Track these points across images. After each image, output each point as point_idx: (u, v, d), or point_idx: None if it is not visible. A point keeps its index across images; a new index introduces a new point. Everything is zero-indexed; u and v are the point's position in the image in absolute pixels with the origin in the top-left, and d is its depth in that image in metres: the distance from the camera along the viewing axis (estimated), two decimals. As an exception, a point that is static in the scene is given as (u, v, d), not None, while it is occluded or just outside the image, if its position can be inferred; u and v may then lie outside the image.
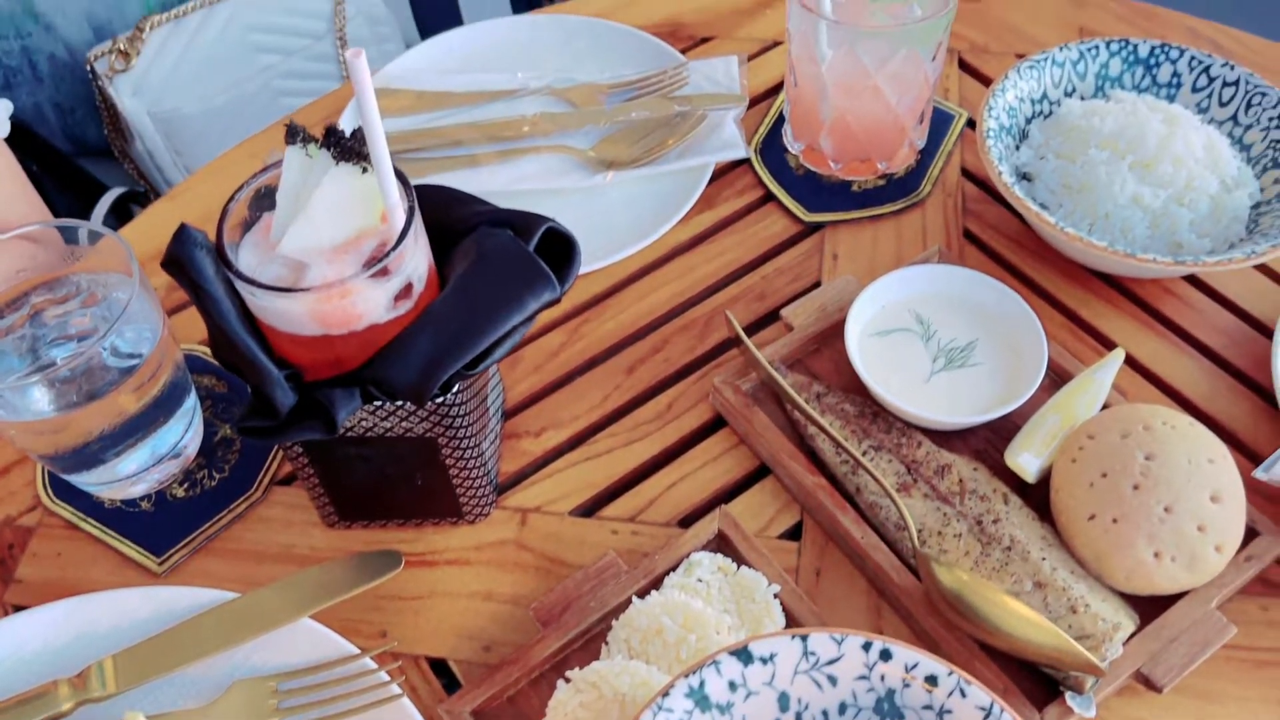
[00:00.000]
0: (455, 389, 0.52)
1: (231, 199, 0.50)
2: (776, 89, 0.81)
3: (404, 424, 0.53)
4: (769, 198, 0.74)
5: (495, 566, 0.59)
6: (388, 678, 0.53)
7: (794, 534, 0.59)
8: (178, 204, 0.79)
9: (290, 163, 0.49)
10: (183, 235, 0.48)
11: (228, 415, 0.66)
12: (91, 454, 0.59)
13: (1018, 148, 0.71)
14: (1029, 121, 0.71)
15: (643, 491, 0.61)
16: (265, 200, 0.51)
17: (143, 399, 0.57)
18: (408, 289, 0.50)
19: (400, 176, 0.49)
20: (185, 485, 0.63)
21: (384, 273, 0.48)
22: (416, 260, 0.50)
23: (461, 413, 0.53)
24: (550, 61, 0.82)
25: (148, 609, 0.56)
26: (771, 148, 0.77)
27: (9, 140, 0.82)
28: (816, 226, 0.72)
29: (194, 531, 0.61)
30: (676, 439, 0.63)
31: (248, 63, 1.23)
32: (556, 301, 0.52)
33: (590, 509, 0.61)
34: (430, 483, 0.57)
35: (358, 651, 0.53)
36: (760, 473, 0.61)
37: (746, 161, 0.76)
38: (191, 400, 0.62)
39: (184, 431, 0.62)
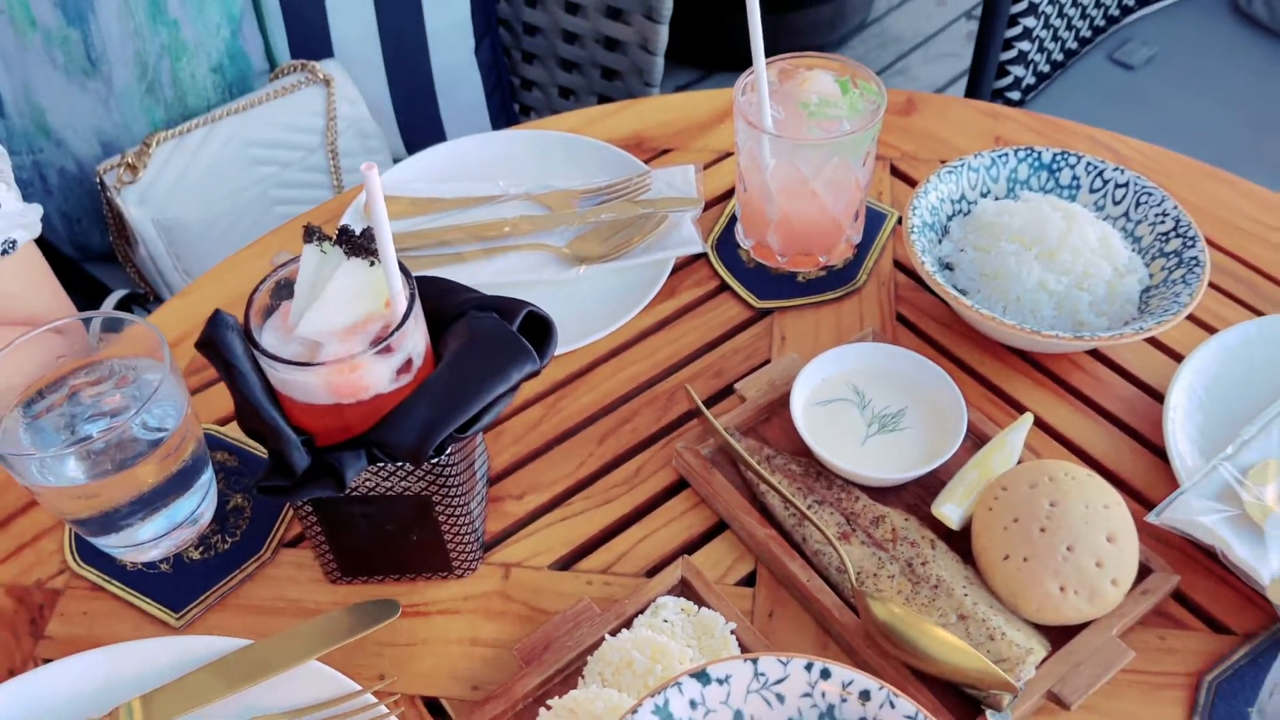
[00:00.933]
0: (449, 451, 0.60)
1: (256, 289, 0.58)
2: (729, 193, 0.91)
3: (403, 483, 0.61)
4: (724, 287, 0.83)
5: (481, 615, 0.65)
6: (387, 711, 0.59)
7: (749, 581, 0.66)
8: (189, 300, 0.87)
9: (307, 257, 0.58)
10: (216, 319, 0.56)
11: (239, 486, 0.73)
12: (117, 520, 0.65)
13: (940, 241, 0.80)
14: (950, 219, 0.81)
15: (614, 547, 0.68)
16: (284, 290, 0.59)
17: (167, 470, 0.65)
18: (408, 364, 0.58)
19: (403, 269, 0.58)
20: (200, 549, 0.70)
21: (388, 350, 0.56)
22: (415, 339, 0.58)
23: (453, 473, 0.61)
24: (528, 171, 0.92)
25: (169, 657, 0.62)
26: (726, 244, 0.86)
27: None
28: (766, 312, 0.81)
29: (209, 590, 0.67)
30: (644, 499, 0.71)
31: (246, 174, 1.33)
32: (536, 373, 0.60)
33: (567, 563, 0.68)
34: (424, 539, 0.65)
35: (360, 689, 0.60)
36: (719, 528, 0.69)
37: (704, 256, 0.85)
38: (208, 473, 0.69)
39: (200, 501, 0.69)
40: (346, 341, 0.56)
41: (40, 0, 1.24)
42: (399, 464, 0.59)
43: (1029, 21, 1.35)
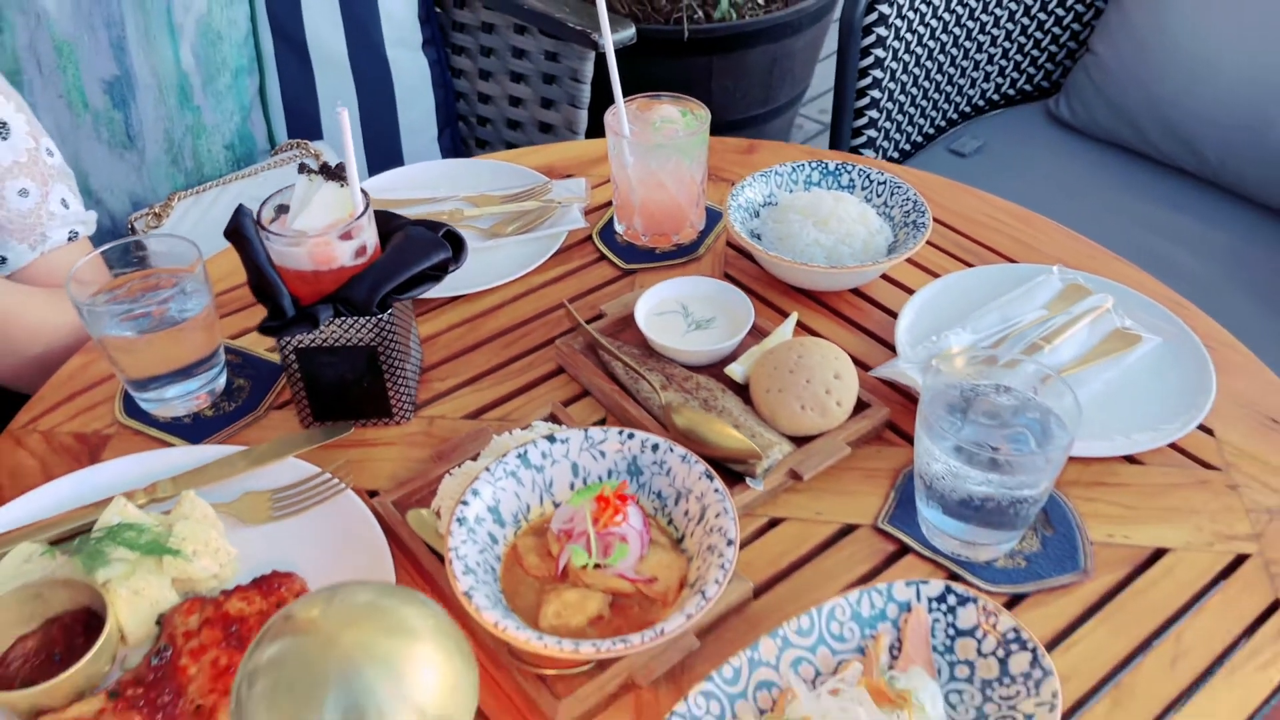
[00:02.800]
0: (390, 310, 0.89)
1: (263, 205, 0.89)
2: (610, 203, 1.23)
3: (358, 335, 0.90)
4: (602, 258, 1.15)
5: (411, 445, 0.93)
6: (340, 481, 0.86)
7: (600, 425, 0.95)
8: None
9: (300, 184, 0.89)
10: (240, 211, 0.86)
11: (242, 374, 1.01)
12: (154, 383, 0.94)
13: (755, 218, 1.12)
14: (761, 209, 1.14)
15: (508, 407, 0.97)
16: (282, 209, 0.90)
17: (192, 344, 0.94)
18: (363, 249, 0.88)
19: (364, 191, 0.89)
20: (212, 409, 0.97)
21: (349, 236, 0.87)
22: (368, 233, 0.89)
23: (392, 329, 0.90)
24: (463, 183, 1.25)
25: (191, 457, 0.90)
26: (606, 230, 1.18)
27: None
28: (631, 272, 1.12)
29: (218, 432, 0.95)
30: (532, 379, 1.00)
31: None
32: (450, 263, 0.90)
33: (475, 415, 0.96)
34: (372, 388, 0.93)
35: (322, 470, 0.87)
36: (582, 395, 0.98)
37: (590, 239, 1.17)
38: (220, 358, 0.98)
39: (214, 376, 0.97)
40: (324, 233, 0.87)
41: (93, 88, 1.58)
42: (355, 317, 0.88)
43: (872, 115, 1.72)
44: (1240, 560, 0.82)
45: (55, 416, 0.97)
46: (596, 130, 1.33)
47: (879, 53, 1.71)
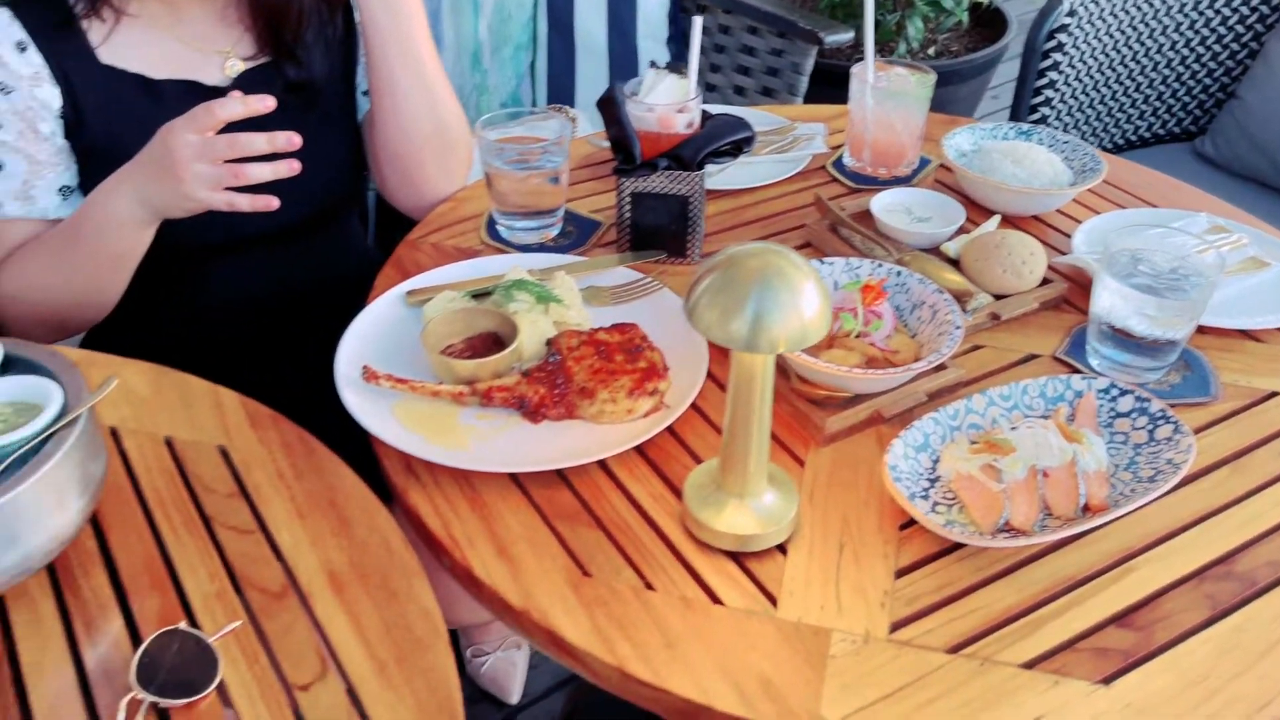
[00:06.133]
0: (702, 170, 1.22)
1: (624, 85, 1.24)
2: (838, 147, 1.56)
3: (678, 186, 1.23)
4: (834, 180, 1.47)
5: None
6: (658, 283, 1.19)
7: (841, 277, 1.26)
8: (527, 165, 1.53)
9: (649, 75, 1.23)
10: (612, 86, 1.21)
11: (570, 223, 1.36)
12: (517, 215, 1.29)
13: (962, 157, 1.43)
14: (967, 152, 1.45)
15: (770, 262, 1.29)
16: (631, 93, 1.24)
17: (546, 192, 1.28)
18: (691, 123, 1.22)
19: (700, 84, 1.23)
20: (554, 239, 1.32)
21: (684, 110, 1.21)
22: (695, 113, 1.23)
23: (701, 187, 1.23)
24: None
25: (548, 261, 1.24)
26: (837, 163, 1.50)
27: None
28: (857, 190, 1.44)
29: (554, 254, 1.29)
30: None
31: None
32: (747, 143, 1.24)
33: (745, 264, 1.29)
34: (678, 231, 1.26)
35: (645, 275, 1.20)
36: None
37: (823, 169, 1.49)
38: (562, 211, 1.33)
39: (555, 222, 1.32)
40: (669, 106, 1.21)
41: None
42: (680, 171, 1.22)
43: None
44: (1338, 404, 1.08)
45: (439, 235, 1.33)
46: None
47: (1048, 93, 2.02)
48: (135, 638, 0.82)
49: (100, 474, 0.85)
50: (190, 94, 1.24)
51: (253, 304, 1.38)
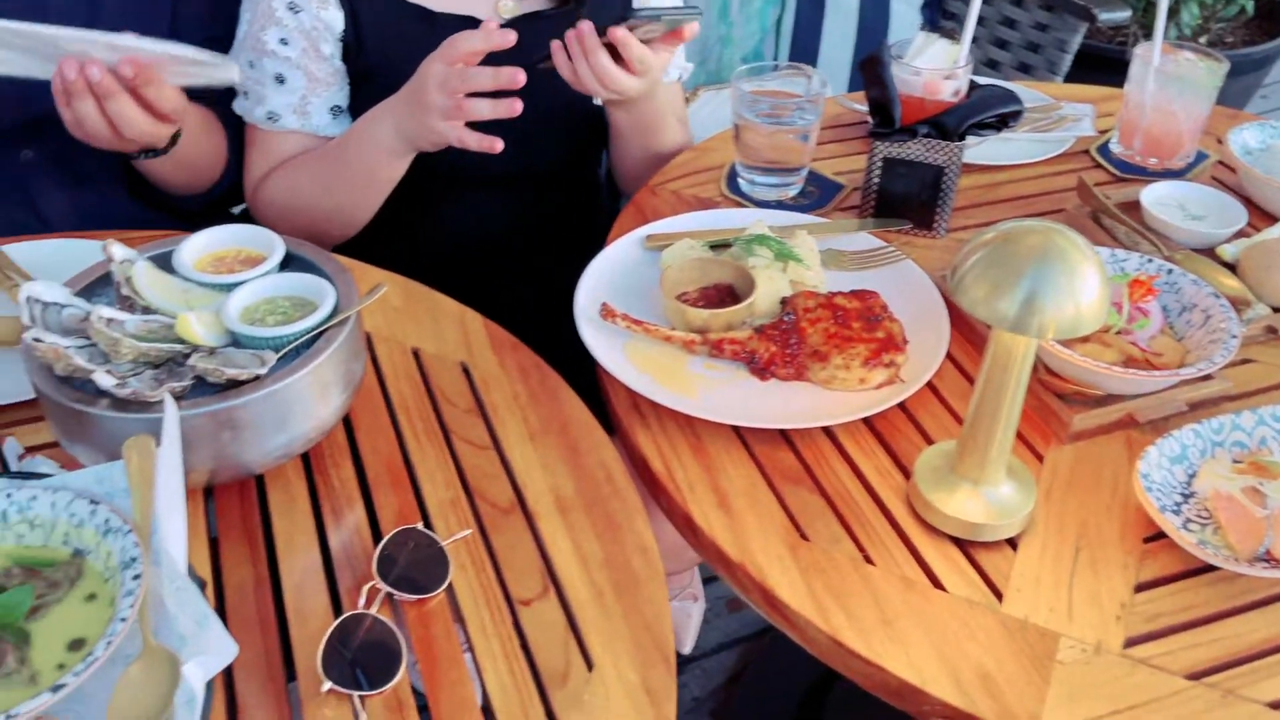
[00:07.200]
0: (963, 140, 1.17)
1: (891, 47, 1.19)
2: (1104, 133, 1.46)
3: (934, 155, 1.18)
4: (1098, 166, 1.38)
5: (946, 252, 1.20)
6: (901, 253, 1.15)
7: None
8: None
9: (919, 38, 1.19)
10: (880, 46, 1.17)
11: (812, 183, 1.33)
12: (758, 171, 1.27)
13: (1247, 155, 1.32)
14: (1253, 150, 1.32)
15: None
16: (896, 56, 1.20)
17: (794, 150, 1.26)
18: (958, 91, 1.17)
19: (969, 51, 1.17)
20: (793, 198, 1.30)
21: (952, 77, 1.15)
22: (963, 81, 1.17)
23: (959, 158, 1.18)
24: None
25: (787, 219, 1.22)
26: (1102, 148, 1.41)
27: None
28: (1123, 179, 1.35)
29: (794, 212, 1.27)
30: (1040, 231, 1.25)
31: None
32: (1013, 116, 1.17)
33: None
34: (927, 202, 1.21)
35: (888, 243, 1.17)
36: (1082, 250, 1.21)
37: (1086, 153, 1.40)
38: (805, 170, 1.30)
39: (798, 180, 1.30)
40: (937, 71, 1.16)
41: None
42: (939, 140, 1.17)
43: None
44: None
45: (679, 183, 1.33)
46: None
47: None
48: (375, 530, 0.86)
49: (360, 374, 0.90)
50: (464, 28, 1.28)
51: (496, 237, 1.43)
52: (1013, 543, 0.87)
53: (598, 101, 1.26)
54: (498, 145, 1.11)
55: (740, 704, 1.79)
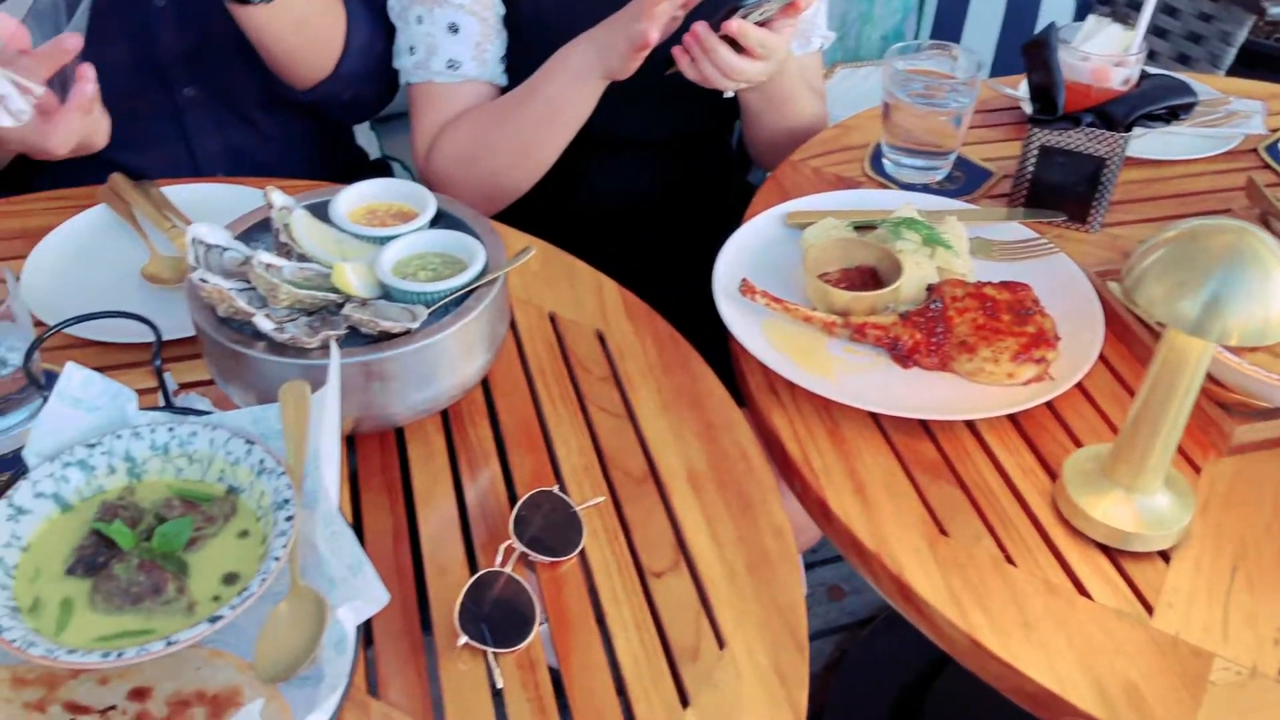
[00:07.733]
0: (1130, 132, 1.12)
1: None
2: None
3: (1096, 146, 1.13)
4: (1267, 167, 1.30)
5: (1095, 246, 1.15)
6: (1054, 246, 1.11)
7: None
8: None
9: (1089, 21, 1.13)
10: (1049, 27, 1.12)
11: (960, 168, 1.29)
12: (903, 152, 1.23)
13: None
14: None
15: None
16: (1063, 40, 1.15)
17: (945, 132, 1.22)
18: (1128, 80, 1.11)
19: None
20: (939, 182, 1.26)
21: (1123, 64, 1.10)
22: (1135, 70, 1.12)
23: (1123, 150, 1.12)
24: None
25: (934, 203, 1.18)
26: (1271, 148, 1.33)
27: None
28: (1294, 181, 1.28)
29: (940, 197, 1.23)
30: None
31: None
32: (1185, 109, 1.11)
33: (1150, 242, 1.17)
34: (1084, 195, 1.16)
35: (1040, 235, 1.12)
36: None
37: (1254, 151, 1.33)
38: (955, 155, 1.26)
39: (946, 165, 1.25)
40: (1108, 58, 1.11)
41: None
42: (1103, 131, 1.12)
43: None
44: None
45: (821, 160, 1.30)
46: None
47: None
48: (510, 490, 0.87)
49: (503, 334, 0.91)
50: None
51: (633, 203, 1.42)
52: (1164, 555, 0.83)
53: (728, 94, 1.23)
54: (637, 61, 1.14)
55: (836, 694, 1.77)
